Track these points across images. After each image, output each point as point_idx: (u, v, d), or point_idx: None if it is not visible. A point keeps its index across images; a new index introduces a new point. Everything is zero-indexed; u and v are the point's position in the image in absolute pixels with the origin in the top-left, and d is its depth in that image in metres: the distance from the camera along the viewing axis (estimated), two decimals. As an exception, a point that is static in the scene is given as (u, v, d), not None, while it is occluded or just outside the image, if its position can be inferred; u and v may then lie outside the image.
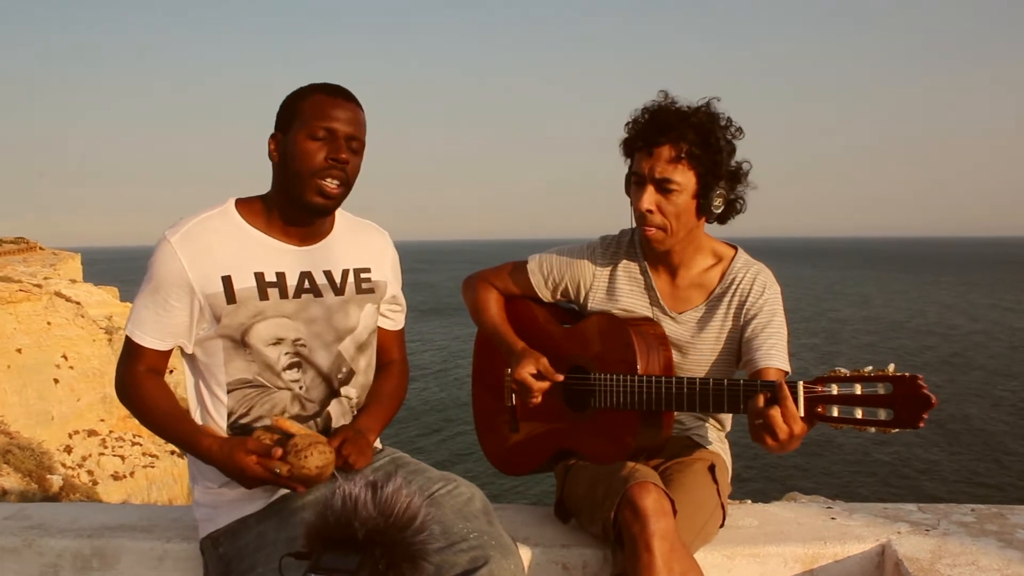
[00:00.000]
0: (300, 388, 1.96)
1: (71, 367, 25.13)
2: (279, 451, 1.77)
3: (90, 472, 23.72)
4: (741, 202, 2.24)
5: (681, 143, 2.11)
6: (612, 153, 2.28)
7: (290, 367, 1.94)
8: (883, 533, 2.23)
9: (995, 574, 1.99)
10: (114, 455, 24.79)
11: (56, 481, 18.66)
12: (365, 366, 2.08)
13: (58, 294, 27.11)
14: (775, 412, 1.84)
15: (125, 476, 24.26)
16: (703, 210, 2.18)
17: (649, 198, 2.16)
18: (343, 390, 2.03)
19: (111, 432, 25.17)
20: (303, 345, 1.95)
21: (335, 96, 1.91)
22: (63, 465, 22.26)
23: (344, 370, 2.03)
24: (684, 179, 2.14)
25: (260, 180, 2.07)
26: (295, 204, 1.93)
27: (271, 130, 1.96)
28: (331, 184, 1.89)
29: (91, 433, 24.89)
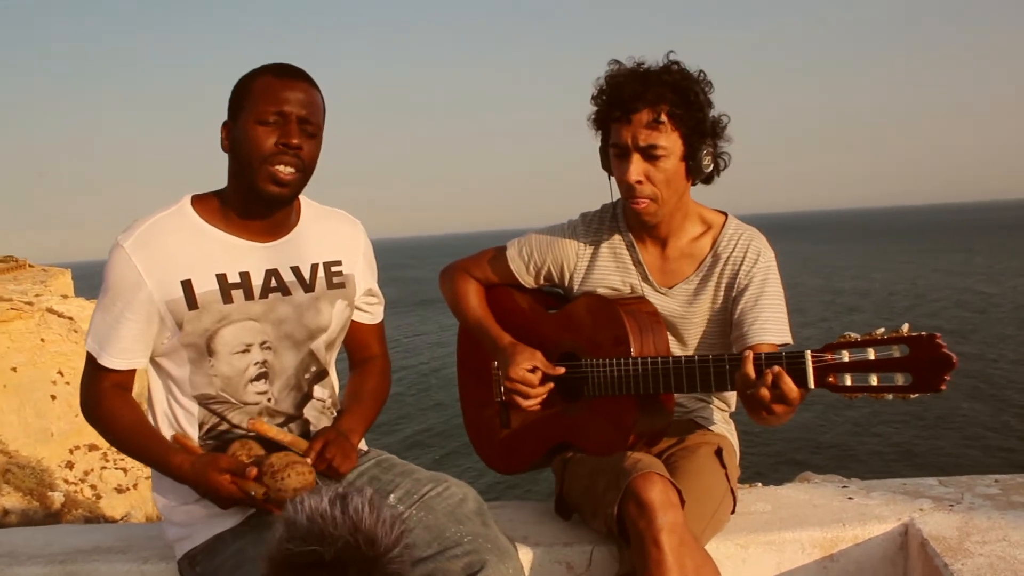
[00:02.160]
0: (269, 400, 1.84)
1: (67, 382, 24.97)
2: (254, 471, 1.66)
3: (93, 487, 23.59)
4: (726, 157, 2.13)
5: (661, 104, 2.00)
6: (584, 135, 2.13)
7: (257, 378, 1.82)
8: (904, 511, 2.12)
9: (1029, 549, 1.86)
10: (116, 468, 24.64)
11: (57, 498, 18.54)
12: (334, 364, 1.98)
13: (50, 310, 26.90)
14: (766, 390, 1.74)
15: (128, 488, 24.12)
16: (693, 172, 2.07)
17: (636, 168, 2.03)
18: (315, 390, 1.92)
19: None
20: (269, 348, 1.83)
21: (286, 77, 1.77)
22: (65, 481, 22.14)
23: (313, 370, 1.91)
24: (670, 142, 2.02)
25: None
26: (250, 195, 1.80)
27: None
28: (285, 170, 1.75)
29: (92, 448, 24.73)
